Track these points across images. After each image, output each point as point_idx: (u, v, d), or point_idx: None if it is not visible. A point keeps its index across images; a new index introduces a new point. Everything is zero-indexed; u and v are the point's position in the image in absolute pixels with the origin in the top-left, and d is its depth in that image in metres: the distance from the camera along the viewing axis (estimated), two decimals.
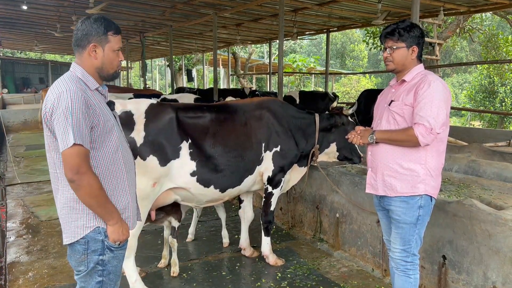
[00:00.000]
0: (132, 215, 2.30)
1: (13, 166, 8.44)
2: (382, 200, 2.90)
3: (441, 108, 2.58)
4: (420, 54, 2.79)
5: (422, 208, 2.73)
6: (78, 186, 1.99)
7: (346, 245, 4.46)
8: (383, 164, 2.79)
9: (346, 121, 4.31)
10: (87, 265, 2.13)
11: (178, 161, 3.49)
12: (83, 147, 1.98)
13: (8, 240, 4.88)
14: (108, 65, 2.19)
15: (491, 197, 3.72)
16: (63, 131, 1.96)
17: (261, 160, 3.92)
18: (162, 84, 33.52)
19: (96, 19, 2.14)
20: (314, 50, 42.30)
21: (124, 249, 2.27)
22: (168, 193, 3.61)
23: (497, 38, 15.42)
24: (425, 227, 2.83)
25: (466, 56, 32.52)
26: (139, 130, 3.37)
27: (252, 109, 3.96)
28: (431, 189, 2.72)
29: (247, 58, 22.45)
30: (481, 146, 5.58)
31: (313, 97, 10.12)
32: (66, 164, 1.98)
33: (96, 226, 2.11)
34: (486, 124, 17.69)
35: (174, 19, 10.85)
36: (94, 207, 2.07)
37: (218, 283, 3.86)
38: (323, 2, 8.47)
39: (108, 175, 2.14)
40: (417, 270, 2.86)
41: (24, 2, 8.77)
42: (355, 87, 26.76)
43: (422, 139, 2.57)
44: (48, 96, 2.04)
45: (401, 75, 2.80)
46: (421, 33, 2.76)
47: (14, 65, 27.16)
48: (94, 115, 2.06)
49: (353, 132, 2.95)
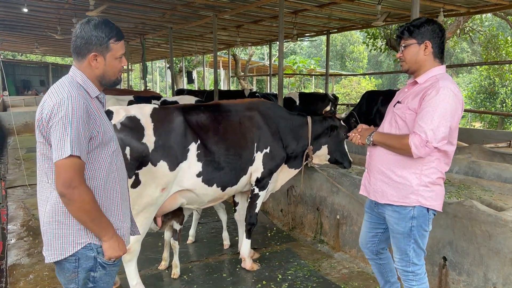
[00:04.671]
0: (126, 232, 2.17)
1: (14, 168, 8.45)
2: (377, 206, 2.81)
3: (444, 119, 2.37)
4: (439, 51, 2.55)
5: (415, 219, 2.58)
6: (69, 201, 1.85)
7: (346, 247, 4.46)
8: (378, 168, 2.69)
9: (339, 125, 4.31)
10: (78, 283, 2.00)
11: (186, 163, 3.48)
12: (79, 159, 1.85)
13: (9, 242, 4.89)
14: (110, 73, 2.07)
15: (491, 198, 3.72)
16: (59, 140, 1.82)
17: (253, 161, 3.92)
18: (163, 86, 33.54)
19: (96, 25, 1.99)
20: (314, 51, 42.33)
21: (117, 265, 2.13)
22: (174, 197, 3.59)
23: (497, 39, 15.41)
24: (425, 238, 2.66)
25: (467, 57, 32.53)
26: (149, 135, 3.31)
27: (243, 110, 3.97)
28: (425, 200, 2.55)
29: (247, 60, 22.47)
30: (482, 147, 5.58)
31: (313, 99, 10.12)
32: (59, 176, 1.83)
33: (87, 242, 1.97)
34: (487, 125, 17.66)
35: (174, 21, 10.86)
36: (86, 223, 1.92)
37: (218, 285, 3.85)
38: (323, 4, 8.47)
39: (102, 189, 2.01)
40: (422, 281, 2.69)
41: (25, 4, 8.77)
42: (356, 88, 26.74)
43: (415, 151, 2.41)
44: (46, 101, 1.91)
45: (417, 75, 2.60)
46: (436, 28, 2.51)
47: (14, 67, 27.19)
48: (95, 125, 1.95)
49: (354, 130, 2.87)
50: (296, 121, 4.21)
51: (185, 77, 23.94)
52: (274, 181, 4.28)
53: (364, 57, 38.32)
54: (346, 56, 38.56)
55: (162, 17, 10.20)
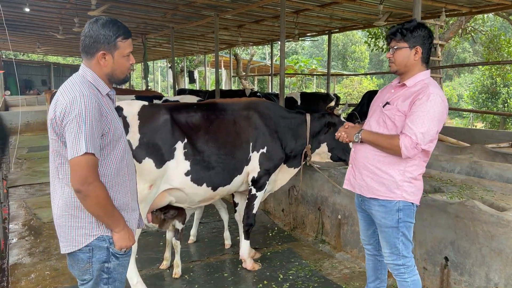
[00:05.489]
0: (134, 224, 2.25)
1: (15, 168, 8.47)
2: (363, 202, 2.88)
3: (433, 124, 2.51)
4: (427, 56, 2.67)
5: (401, 211, 2.69)
6: (85, 197, 1.92)
7: (348, 247, 4.46)
8: (363, 164, 2.77)
9: (338, 121, 4.19)
10: (92, 274, 2.06)
11: (173, 162, 3.48)
12: (93, 156, 1.91)
13: (10, 241, 4.89)
14: (119, 70, 2.12)
15: (493, 198, 3.71)
16: (74, 138, 1.88)
17: (248, 160, 3.89)
18: (164, 86, 33.56)
19: (104, 24, 2.04)
20: (316, 51, 42.30)
21: (129, 255, 2.21)
22: (163, 194, 3.60)
23: (499, 39, 15.38)
24: (411, 229, 2.77)
25: (469, 57, 32.48)
26: (134, 133, 3.34)
27: (240, 109, 3.94)
28: (409, 195, 2.67)
29: (248, 60, 22.47)
30: (483, 147, 5.57)
31: (315, 99, 10.12)
32: (74, 173, 1.90)
33: (100, 234, 2.05)
34: (489, 125, 17.64)
35: (176, 21, 10.86)
36: (100, 216, 2.00)
37: (219, 285, 3.85)
38: (324, 4, 8.46)
39: (114, 183, 2.08)
40: (413, 273, 2.79)
41: (27, 4, 8.79)
42: (357, 88, 26.70)
43: (405, 152, 2.52)
44: (59, 100, 1.96)
45: (404, 77, 2.71)
46: (427, 34, 2.62)
47: (16, 67, 27.20)
48: (106, 122, 2.00)
49: (341, 129, 2.91)
50: (295, 119, 4.16)
51: (187, 77, 23.97)
52: (272, 182, 4.25)
53: (366, 57, 38.29)
54: (348, 56, 38.55)
55: (164, 17, 10.21)
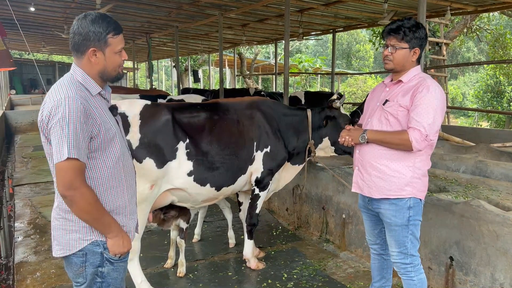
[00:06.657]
0: (132, 228, 2.19)
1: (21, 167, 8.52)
2: (370, 203, 2.85)
3: (437, 114, 2.54)
4: (420, 56, 2.72)
5: (412, 208, 2.69)
6: (71, 202, 1.87)
7: (352, 246, 4.45)
8: (370, 164, 2.74)
9: (338, 114, 4.12)
10: (86, 277, 2.02)
11: (175, 162, 3.46)
12: (78, 161, 1.84)
13: (16, 240, 4.93)
14: (111, 68, 2.03)
15: (498, 198, 3.70)
16: (57, 143, 1.82)
17: (253, 160, 3.87)
18: (168, 85, 33.63)
19: (93, 20, 1.96)
20: (320, 50, 42.23)
21: (125, 261, 2.15)
22: (165, 194, 3.59)
23: (504, 38, 15.31)
24: (419, 227, 2.78)
25: (473, 56, 32.31)
26: (134, 132, 3.32)
27: (244, 108, 3.92)
28: (418, 192, 2.69)
29: (253, 59, 22.47)
30: (489, 147, 5.54)
31: (319, 98, 10.08)
32: (59, 179, 1.85)
33: (94, 239, 1.99)
34: (494, 124, 17.56)
35: (180, 20, 10.88)
36: (89, 222, 1.95)
37: (224, 284, 3.86)
38: (329, 2, 8.44)
39: (108, 187, 2.01)
40: (419, 271, 2.80)
41: (32, 4, 8.83)
42: (362, 87, 26.64)
43: (416, 145, 2.52)
44: (46, 102, 1.90)
45: (398, 75, 2.74)
46: (424, 35, 2.67)
47: (21, 66, 27.37)
48: (94, 125, 1.92)
49: (343, 133, 2.86)
50: (297, 116, 4.13)
51: (191, 76, 24.00)
52: (276, 181, 4.23)
53: (370, 56, 38.22)
54: (352, 55, 38.48)
55: (168, 16, 10.23)
